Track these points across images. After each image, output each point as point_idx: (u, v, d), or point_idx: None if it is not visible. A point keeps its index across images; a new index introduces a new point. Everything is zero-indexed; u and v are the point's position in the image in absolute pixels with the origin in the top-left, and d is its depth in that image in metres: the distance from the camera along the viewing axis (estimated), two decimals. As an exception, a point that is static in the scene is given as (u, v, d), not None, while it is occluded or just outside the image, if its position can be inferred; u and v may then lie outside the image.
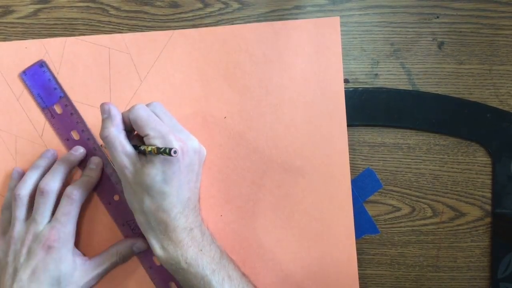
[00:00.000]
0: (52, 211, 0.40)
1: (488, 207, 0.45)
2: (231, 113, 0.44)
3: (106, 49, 0.44)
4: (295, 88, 0.44)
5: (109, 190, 0.43)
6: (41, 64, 0.43)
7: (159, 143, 0.35)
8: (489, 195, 0.45)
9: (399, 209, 0.45)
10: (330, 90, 0.44)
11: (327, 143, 0.44)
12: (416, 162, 0.45)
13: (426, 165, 0.45)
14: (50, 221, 0.39)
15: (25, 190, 0.40)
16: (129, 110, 0.37)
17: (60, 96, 0.43)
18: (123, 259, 0.42)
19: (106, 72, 0.44)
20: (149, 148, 0.35)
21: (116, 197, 0.43)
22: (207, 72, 0.44)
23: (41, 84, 0.43)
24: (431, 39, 0.45)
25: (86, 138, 0.43)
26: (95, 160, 0.43)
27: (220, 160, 0.44)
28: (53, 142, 0.44)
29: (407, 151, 0.45)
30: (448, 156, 0.45)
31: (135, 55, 0.44)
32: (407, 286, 0.45)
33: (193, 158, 0.37)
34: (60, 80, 0.44)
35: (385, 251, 0.45)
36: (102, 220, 0.43)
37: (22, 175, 0.42)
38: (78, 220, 0.41)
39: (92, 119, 0.44)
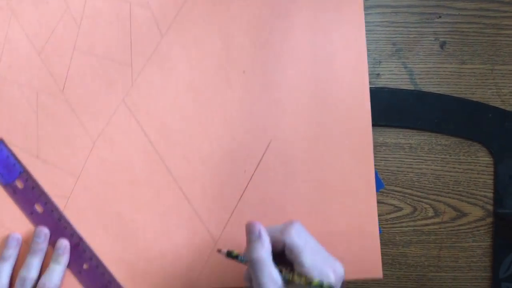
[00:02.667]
0: None
1: (490, 207, 0.45)
2: (251, 67, 0.44)
3: (127, 4, 0.44)
4: (318, 44, 0.44)
5: (78, 259, 0.43)
6: None
7: (315, 274, 0.34)
8: (491, 195, 0.45)
9: (400, 209, 0.45)
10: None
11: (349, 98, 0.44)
12: (417, 162, 0.45)
13: (427, 165, 0.45)
14: None
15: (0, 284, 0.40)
16: (282, 234, 0.36)
17: (20, 172, 0.43)
18: None
19: (127, 27, 0.43)
20: (299, 278, 0.34)
21: (85, 266, 0.43)
22: (228, 26, 0.44)
23: (0, 161, 0.43)
24: (433, 38, 0.45)
25: (50, 210, 0.43)
26: (62, 244, 0.42)
27: (241, 114, 0.44)
28: (74, 97, 0.43)
29: (409, 151, 0.45)
30: (450, 156, 0.45)
31: (156, 10, 0.43)
32: (409, 286, 0.45)
33: (339, 287, 0.36)
34: (81, 35, 0.43)
35: (387, 251, 0.45)
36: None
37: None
38: None
39: (114, 74, 0.43)
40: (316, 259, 0.35)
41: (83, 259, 0.43)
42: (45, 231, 0.42)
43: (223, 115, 0.44)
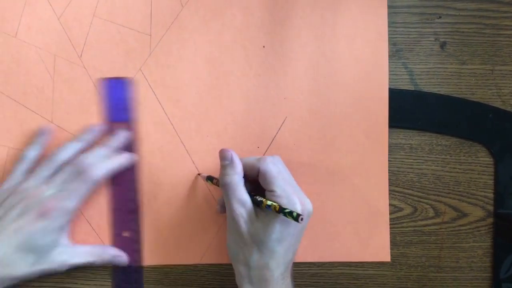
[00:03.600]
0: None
1: (490, 208, 0.45)
2: (271, 43, 0.44)
3: None
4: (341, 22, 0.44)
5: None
6: (125, 82, 0.43)
7: (284, 203, 0.35)
8: (491, 195, 0.45)
9: (401, 209, 0.45)
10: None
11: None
12: (418, 162, 0.45)
13: (428, 165, 0.45)
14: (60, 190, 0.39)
15: (63, 157, 0.40)
16: (258, 161, 0.37)
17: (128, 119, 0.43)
18: (101, 263, 0.42)
19: None
20: (269, 203, 0.35)
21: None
22: (249, 0, 0.44)
23: (118, 97, 0.43)
24: (434, 39, 0.45)
25: (131, 167, 0.43)
26: (131, 156, 0.42)
27: (257, 89, 0.44)
28: (91, 63, 0.43)
29: (409, 151, 0.45)
30: (450, 156, 0.45)
31: None
32: (409, 286, 0.45)
33: (306, 222, 0.37)
34: (102, 2, 0.43)
35: (387, 251, 0.45)
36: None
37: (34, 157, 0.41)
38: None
39: (132, 43, 0.43)
40: (287, 189, 0.36)
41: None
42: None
43: (239, 90, 0.44)
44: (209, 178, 0.42)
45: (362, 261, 0.45)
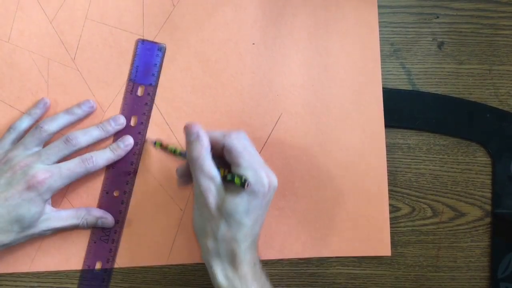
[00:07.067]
0: (61, 160, 0.40)
1: (488, 207, 0.45)
2: (264, 40, 0.44)
3: None
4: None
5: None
6: (160, 48, 0.43)
7: (250, 175, 0.36)
8: (489, 195, 0.45)
9: (399, 209, 0.45)
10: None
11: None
12: (416, 162, 0.45)
13: (426, 165, 0.45)
14: (51, 164, 0.39)
15: (53, 127, 0.40)
16: (223, 137, 0.37)
17: (151, 84, 0.43)
18: (86, 226, 0.42)
19: None
20: (230, 177, 0.35)
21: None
22: None
23: (147, 61, 0.43)
24: (431, 39, 0.45)
25: (138, 132, 0.43)
26: (128, 141, 0.43)
27: (252, 87, 0.44)
28: (85, 66, 0.43)
29: (407, 151, 0.45)
30: (448, 156, 0.45)
31: None
32: (407, 286, 0.45)
33: (272, 196, 0.38)
34: (94, 4, 0.43)
35: (385, 251, 0.45)
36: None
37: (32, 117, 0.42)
38: None
39: (124, 43, 0.44)
40: (253, 162, 0.36)
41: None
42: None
43: (234, 88, 0.44)
44: (159, 143, 0.42)
45: (363, 256, 0.45)
